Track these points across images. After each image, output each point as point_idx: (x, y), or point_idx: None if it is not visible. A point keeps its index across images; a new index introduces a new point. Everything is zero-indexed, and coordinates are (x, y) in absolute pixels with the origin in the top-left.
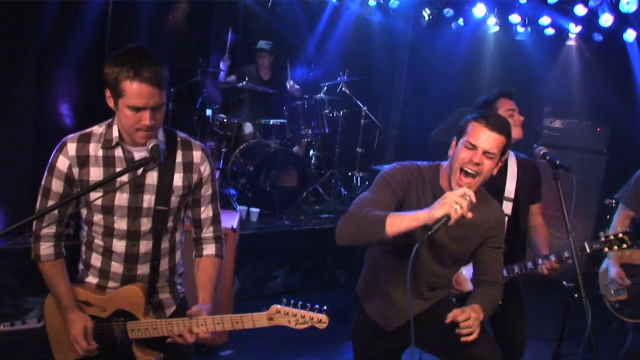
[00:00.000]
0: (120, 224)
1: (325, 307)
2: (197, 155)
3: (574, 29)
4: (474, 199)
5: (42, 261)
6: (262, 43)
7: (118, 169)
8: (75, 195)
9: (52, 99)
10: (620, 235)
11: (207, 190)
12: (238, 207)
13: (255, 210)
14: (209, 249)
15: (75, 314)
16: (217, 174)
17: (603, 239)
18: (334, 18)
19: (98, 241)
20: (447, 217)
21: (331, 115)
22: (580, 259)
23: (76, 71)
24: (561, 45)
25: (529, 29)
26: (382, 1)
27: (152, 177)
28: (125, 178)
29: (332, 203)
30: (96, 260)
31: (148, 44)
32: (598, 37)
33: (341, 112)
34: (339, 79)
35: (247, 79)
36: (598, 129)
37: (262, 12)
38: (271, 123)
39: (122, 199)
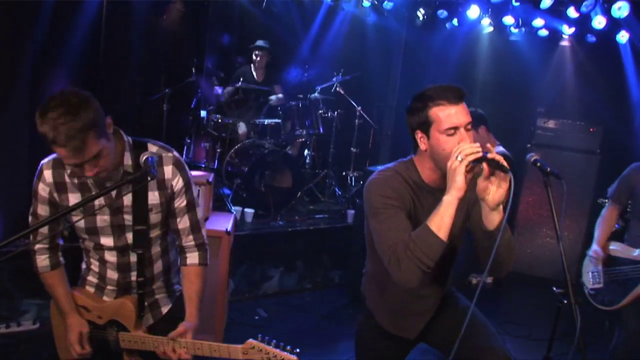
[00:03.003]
0: (107, 241)
1: (297, 350)
2: (167, 170)
3: (568, 31)
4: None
5: (40, 272)
6: (258, 42)
7: (94, 193)
8: (53, 217)
9: None
10: None
11: (181, 203)
12: (233, 208)
13: (249, 210)
14: (192, 258)
15: (74, 319)
16: (212, 176)
17: None
18: (328, 18)
19: (92, 252)
20: (475, 165)
21: (326, 115)
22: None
23: (71, 73)
24: (555, 46)
25: (522, 29)
26: (376, 2)
27: (127, 199)
28: (102, 201)
29: (327, 203)
30: (94, 265)
31: (143, 45)
32: (591, 38)
33: (336, 112)
34: (334, 79)
35: (242, 80)
36: (591, 129)
37: (257, 12)
38: (266, 123)
39: (103, 220)
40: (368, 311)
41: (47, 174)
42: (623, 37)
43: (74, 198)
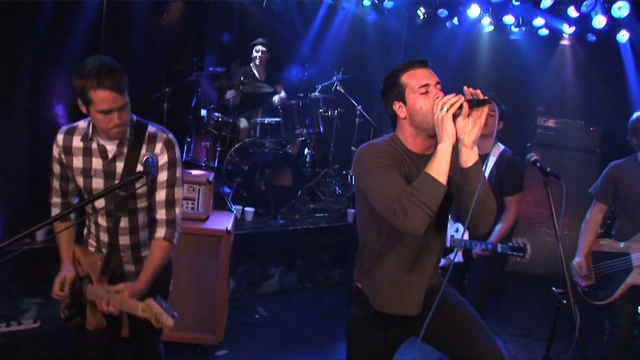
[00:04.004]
0: (99, 203)
1: (176, 314)
2: (158, 146)
3: (568, 30)
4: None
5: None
6: (258, 40)
7: (94, 158)
8: (86, 202)
9: (48, 100)
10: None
11: (162, 177)
12: (233, 206)
13: (250, 209)
14: (159, 232)
15: (65, 266)
16: (212, 175)
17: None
18: (328, 17)
19: (91, 215)
20: (458, 110)
21: (326, 114)
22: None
23: (71, 73)
24: (555, 45)
25: (523, 29)
26: (376, 1)
27: (120, 166)
28: (99, 165)
29: (327, 202)
30: (93, 228)
31: (143, 44)
32: (592, 37)
33: (336, 111)
34: (334, 77)
35: (242, 78)
36: (591, 129)
37: (257, 11)
38: (266, 122)
39: (98, 183)
40: (363, 298)
41: (60, 138)
42: (623, 36)
43: (77, 160)
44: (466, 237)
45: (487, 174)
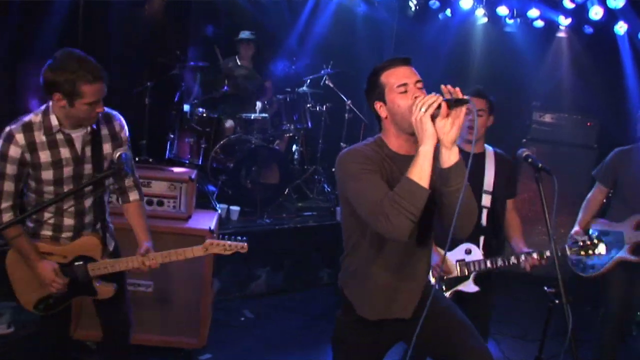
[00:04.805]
0: (68, 189)
1: (244, 238)
2: (117, 124)
3: (564, 21)
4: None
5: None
6: (244, 33)
7: (61, 149)
8: (56, 199)
9: (25, 93)
10: (595, 240)
11: (126, 149)
12: (218, 205)
13: (235, 208)
14: (133, 195)
15: (43, 263)
16: (194, 173)
17: (581, 242)
18: (316, 9)
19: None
20: (436, 111)
21: (314, 109)
22: (561, 262)
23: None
24: (551, 38)
25: (518, 20)
26: None
27: (88, 150)
28: (68, 154)
29: (315, 200)
30: (49, 217)
31: (123, 36)
32: (589, 29)
33: (324, 106)
34: (322, 71)
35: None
36: (588, 124)
37: (242, 1)
38: (252, 118)
39: (69, 171)
40: (348, 304)
41: (19, 137)
42: (621, 28)
43: (44, 155)
44: (480, 257)
45: (488, 175)
